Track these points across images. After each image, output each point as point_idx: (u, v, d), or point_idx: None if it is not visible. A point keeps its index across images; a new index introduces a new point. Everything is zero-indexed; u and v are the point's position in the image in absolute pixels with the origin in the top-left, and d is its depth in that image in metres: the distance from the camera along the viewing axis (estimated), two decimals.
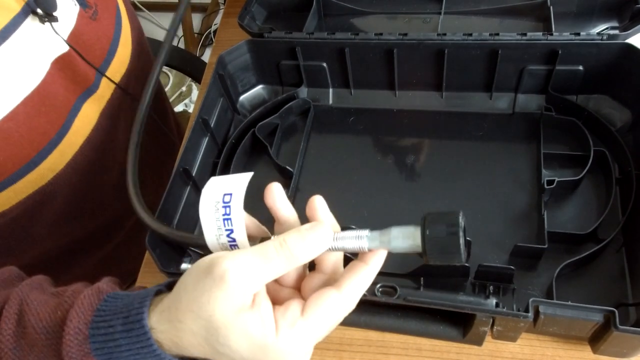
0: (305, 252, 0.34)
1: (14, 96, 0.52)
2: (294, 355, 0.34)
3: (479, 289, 0.52)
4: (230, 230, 0.36)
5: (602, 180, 0.57)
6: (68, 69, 0.57)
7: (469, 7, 0.71)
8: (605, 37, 0.58)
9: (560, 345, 0.50)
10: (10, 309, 0.37)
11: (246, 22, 0.71)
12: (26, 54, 0.52)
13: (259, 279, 0.33)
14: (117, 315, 0.35)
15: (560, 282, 0.50)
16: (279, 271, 0.34)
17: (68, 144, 0.60)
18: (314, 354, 0.53)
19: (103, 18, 0.63)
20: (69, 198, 0.63)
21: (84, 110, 0.61)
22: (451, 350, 0.51)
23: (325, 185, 0.63)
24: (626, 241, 0.52)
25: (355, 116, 0.69)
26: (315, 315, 0.34)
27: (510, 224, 0.56)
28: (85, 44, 0.59)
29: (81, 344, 0.34)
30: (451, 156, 0.63)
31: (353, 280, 0.36)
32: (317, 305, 0.35)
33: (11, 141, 0.53)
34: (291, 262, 0.34)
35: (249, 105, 0.72)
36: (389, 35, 0.63)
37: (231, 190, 0.37)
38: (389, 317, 0.51)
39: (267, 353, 0.33)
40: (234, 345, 0.33)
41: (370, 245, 0.36)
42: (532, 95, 0.64)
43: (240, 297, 0.32)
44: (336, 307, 0.35)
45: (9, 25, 0.50)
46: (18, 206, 0.58)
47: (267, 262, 0.33)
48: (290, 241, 0.34)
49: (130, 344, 0.34)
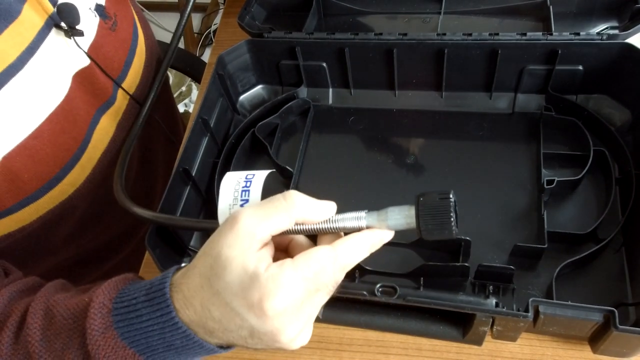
0: (308, 210, 0.37)
1: (38, 113, 0.51)
2: (280, 291, 0.34)
3: (478, 288, 0.52)
4: (245, 201, 0.42)
5: (602, 180, 0.57)
6: (88, 82, 0.57)
7: (469, 7, 0.71)
8: (605, 37, 0.58)
9: (560, 345, 0.50)
10: (36, 305, 0.38)
11: (246, 22, 0.71)
12: (50, 69, 0.51)
13: (267, 225, 0.35)
14: (140, 289, 0.36)
15: (560, 282, 0.50)
16: (284, 219, 0.36)
17: (87, 159, 0.59)
18: (314, 353, 0.53)
19: (122, 29, 0.62)
20: (87, 211, 0.63)
21: (102, 123, 0.61)
22: (451, 350, 0.51)
23: (325, 185, 0.63)
24: (626, 241, 0.52)
25: (355, 116, 0.69)
26: (303, 261, 0.35)
27: (510, 223, 0.56)
28: (105, 56, 0.58)
29: (104, 317, 0.35)
30: (451, 156, 0.63)
31: (348, 240, 0.37)
32: (307, 254, 0.36)
33: (36, 159, 0.52)
34: (293, 214, 0.36)
35: (248, 105, 0.72)
36: (388, 35, 0.63)
37: (254, 173, 0.44)
38: (389, 317, 0.51)
39: (253, 286, 0.34)
40: (228, 276, 0.34)
41: (369, 224, 0.38)
42: (531, 95, 0.64)
43: (248, 238, 0.35)
44: (326, 260, 0.36)
45: (34, 40, 0.48)
46: (37, 221, 0.57)
47: (275, 211, 0.36)
48: (296, 197, 0.37)
49: (151, 312, 0.35)
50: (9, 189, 0.52)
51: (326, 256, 0.36)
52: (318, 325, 0.54)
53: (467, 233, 0.52)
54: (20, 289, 0.41)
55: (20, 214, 0.55)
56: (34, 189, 0.54)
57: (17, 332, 0.37)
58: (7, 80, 0.47)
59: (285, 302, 0.34)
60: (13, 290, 0.41)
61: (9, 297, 0.40)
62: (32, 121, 0.51)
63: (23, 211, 0.55)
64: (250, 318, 0.34)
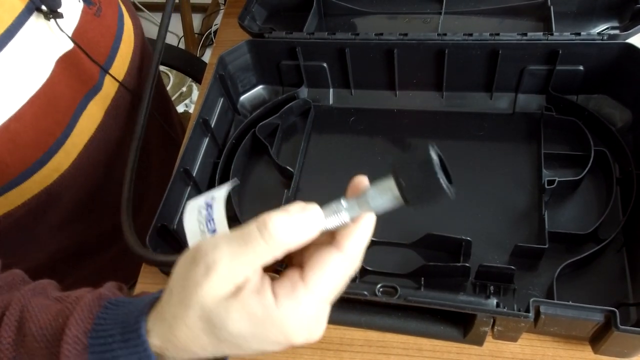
0: (290, 236, 0.30)
1: (20, 96, 0.51)
2: (301, 324, 0.31)
3: (479, 289, 0.52)
4: (213, 231, 0.36)
5: (603, 180, 0.57)
6: (73, 67, 0.57)
7: (470, 7, 0.71)
8: (605, 37, 0.58)
9: (561, 345, 0.50)
10: (11, 315, 0.35)
11: (246, 22, 0.71)
12: (31, 52, 0.51)
13: (244, 267, 0.31)
14: (116, 324, 0.33)
15: (561, 282, 0.50)
16: (263, 257, 0.30)
17: (72, 144, 0.59)
18: (315, 354, 0.53)
19: (106, 15, 0.62)
20: (74, 199, 0.63)
21: (89, 109, 0.61)
22: (452, 351, 0.51)
23: (325, 185, 0.63)
24: (627, 241, 0.52)
25: (356, 116, 0.69)
26: (317, 278, 0.31)
27: (511, 224, 0.56)
28: (90, 41, 0.59)
29: (80, 355, 0.33)
30: (451, 156, 0.62)
31: (353, 237, 0.33)
32: (318, 267, 0.31)
33: (18, 142, 0.53)
34: (273, 247, 0.30)
35: (249, 106, 0.72)
36: (389, 36, 0.63)
37: (213, 195, 0.37)
38: (390, 318, 0.51)
39: (271, 327, 0.31)
40: (233, 328, 0.30)
41: (352, 215, 0.33)
42: (532, 95, 0.64)
43: (227, 283, 0.30)
44: (339, 267, 0.32)
45: (14, 23, 0.49)
46: (23, 207, 0.57)
47: (249, 247, 0.30)
48: (272, 227, 0.30)
49: (128, 355, 0.32)
50: None
51: (339, 264, 0.32)
52: None
53: (467, 233, 0.52)
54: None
55: (4, 198, 0.55)
56: (17, 172, 0.54)
57: None
58: None
59: (310, 327, 0.32)
60: None
61: None
62: (13, 104, 0.51)
63: (7, 195, 0.55)
64: (276, 348, 0.32)
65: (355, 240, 0.33)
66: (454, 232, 0.53)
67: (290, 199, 0.61)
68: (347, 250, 0.32)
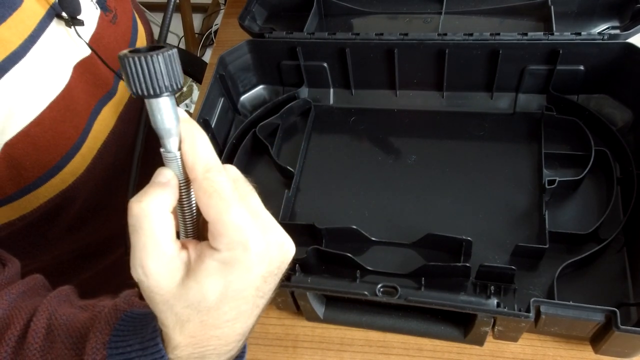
0: (155, 205, 0.30)
1: (40, 101, 0.52)
2: (248, 255, 0.30)
3: (480, 289, 0.52)
4: None
5: (603, 180, 0.57)
6: (89, 72, 0.58)
7: (470, 7, 0.71)
8: (606, 37, 0.58)
9: (561, 345, 0.50)
10: (38, 322, 0.36)
11: (247, 22, 0.71)
12: (51, 58, 0.52)
13: (157, 250, 0.30)
14: (135, 335, 0.34)
15: (562, 282, 0.50)
16: (158, 235, 0.30)
17: (88, 148, 0.60)
18: (315, 354, 0.53)
19: (122, 22, 0.63)
20: (87, 202, 0.63)
21: (103, 113, 0.61)
22: (452, 351, 0.51)
23: (326, 185, 0.63)
24: (627, 241, 0.52)
25: (356, 116, 0.69)
26: (211, 209, 0.30)
27: (511, 223, 0.56)
28: (106, 47, 0.59)
29: None
30: (452, 156, 0.63)
31: (186, 155, 0.32)
32: (203, 204, 0.31)
33: (38, 146, 0.53)
34: (153, 220, 0.30)
35: (249, 106, 0.72)
36: (389, 35, 0.63)
37: None
38: (390, 318, 0.51)
39: (239, 273, 0.30)
40: (209, 295, 0.30)
41: (171, 148, 0.32)
42: (533, 95, 0.64)
43: (170, 269, 0.31)
44: (212, 183, 0.31)
45: (36, 29, 0.50)
46: (37, 210, 0.57)
47: (141, 236, 0.30)
48: (134, 206, 0.30)
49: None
50: (11, 176, 0.52)
51: (212, 182, 0.31)
52: (319, 325, 0.54)
53: (468, 233, 0.52)
54: (22, 291, 0.40)
55: (20, 202, 0.55)
56: (35, 176, 0.54)
57: (16, 348, 0.36)
58: (10, 68, 0.48)
59: (259, 250, 0.31)
60: (13, 293, 0.39)
61: (8, 302, 0.38)
62: (34, 108, 0.51)
63: (24, 199, 0.55)
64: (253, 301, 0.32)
65: (191, 156, 0.31)
66: (455, 232, 0.53)
67: (291, 199, 0.61)
68: (195, 168, 0.31)
